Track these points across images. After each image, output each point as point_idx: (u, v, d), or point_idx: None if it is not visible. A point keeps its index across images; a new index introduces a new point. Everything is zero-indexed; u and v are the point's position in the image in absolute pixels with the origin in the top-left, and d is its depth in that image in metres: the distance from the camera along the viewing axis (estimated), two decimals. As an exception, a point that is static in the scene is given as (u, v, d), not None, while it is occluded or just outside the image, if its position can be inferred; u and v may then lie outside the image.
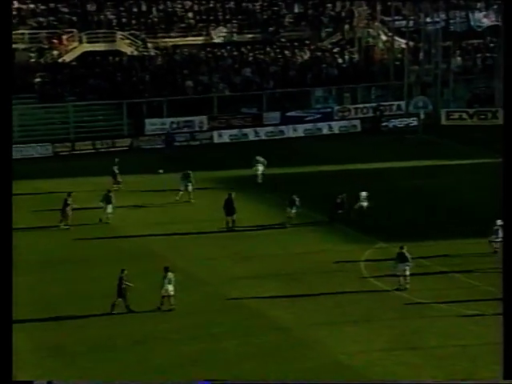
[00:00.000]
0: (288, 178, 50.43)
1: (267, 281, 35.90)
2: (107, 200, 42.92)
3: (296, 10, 71.17)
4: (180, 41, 67.77)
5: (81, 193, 46.00)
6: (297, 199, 42.36)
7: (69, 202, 42.40)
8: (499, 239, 36.44)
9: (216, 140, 60.95)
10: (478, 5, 71.54)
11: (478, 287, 34.94)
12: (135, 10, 69.06)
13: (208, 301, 33.85)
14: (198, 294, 34.40)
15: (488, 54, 68.85)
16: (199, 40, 68.48)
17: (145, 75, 64.21)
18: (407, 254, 35.04)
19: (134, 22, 68.21)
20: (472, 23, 70.20)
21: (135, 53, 66.23)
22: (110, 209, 42.83)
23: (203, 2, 70.42)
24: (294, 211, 42.39)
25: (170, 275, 32.78)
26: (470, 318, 32.24)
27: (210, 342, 30.46)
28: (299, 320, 32.35)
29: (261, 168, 49.18)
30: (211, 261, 38.22)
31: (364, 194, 42.80)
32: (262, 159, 49.57)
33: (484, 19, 70.53)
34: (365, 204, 42.70)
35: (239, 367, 28.83)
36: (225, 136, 61.21)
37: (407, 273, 34.95)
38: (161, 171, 50.90)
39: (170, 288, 32.69)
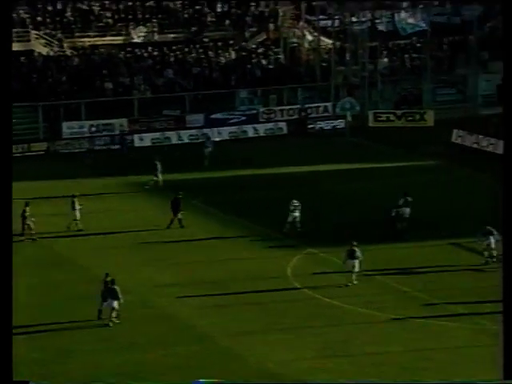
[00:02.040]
0: (211, 182, 50.51)
1: (192, 289, 36.04)
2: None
3: (219, 9, 71.38)
4: (98, 41, 67.48)
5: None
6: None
7: (26, 214, 41.38)
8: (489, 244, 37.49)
9: (137, 144, 60.77)
10: (404, 5, 72.63)
11: (407, 292, 35.58)
12: (50, 8, 68.57)
13: (131, 310, 33.85)
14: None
15: (415, 55, 69.95)
16: (118, 40, 68.22)
17: (61, 76, 63.80)
18: (357, 250, 35.64)
19: (48, 20, 67.70)
20: (398, 25, 71.21)
21: (51, 53, 65.76)
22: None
23: (122, 1, 70.21)
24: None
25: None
26: (399, 324, 32.83)
27: (135, 353, 30.51)
28: (225, 329, 32.57)
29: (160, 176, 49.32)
30: (134, 268, 38.24)
31: (295, 202, 42.18)
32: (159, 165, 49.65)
33: (410, 20, 71.64)
34: (297, 214, 41.91)
35: (165, 378, 28.95)
36: (146, 139, 61.08)
37: (356, 269, 35.67)
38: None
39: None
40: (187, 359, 30.32)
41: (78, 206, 42.61)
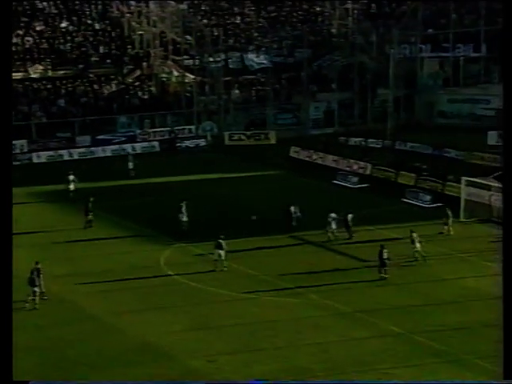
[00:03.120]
0: (100, 190, 49.73)
1: (85, 277, 35.46)
2: None
3: (101, 51, 70.48)
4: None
5: None
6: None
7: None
8: (332, 229, 39.75)
9: (35, 160, 59.45)
10: (251, 47, 73.27)
11: (257, 276, 35.91)
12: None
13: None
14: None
15: (260, 87, 70.63)
16: (18, 75, 66.50)
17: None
18: (223, 243, 35.80)
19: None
20: (246, 62, 71.81)
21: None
22: None
23: (20, 44, 68.50)
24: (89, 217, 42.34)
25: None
26: (250, 301, 33.11)
27: (31, 333, 29.83)
28: (109, 309, 32.18)
29: (72, 185, 48.02)
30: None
31: (184, 205, 41.34)
32: (73, 176, 48.35)
33: (255, 59, 72.33)
34: (184, 217, 41.08)
35: (62, 352, 28.43)
36: (43, 157, 59.86)
37: (222, 257, 35.85)
38: None
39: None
40: (77, 335, 29.87)
41: None
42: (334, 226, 40.12)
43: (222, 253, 36.14)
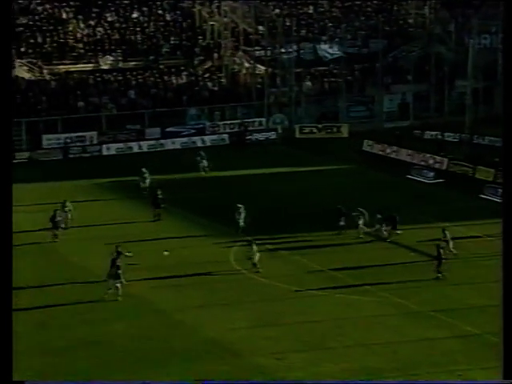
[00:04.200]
0: (169, 183, 50.06)
1: (151, 271, 35.70)
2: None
3: (172, 42, 71.05)
4: (72, 67, 66.66)
5: None
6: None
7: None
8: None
9: (105, 152, 60.32)
10: (324, 38, 72.94)
11: (325, 272, 35.65)
12: (32, 41, 67.71)
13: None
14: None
15: (332, 79, 70.23)
16: (89, 67, 67.55)
17: (41, 97, 62.97)
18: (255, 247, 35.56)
19: (30, 51, 66.83)
20: (319, 53, 71.50)
21: (32, 78, 64.90)
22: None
23: (91, 34, 69.57)
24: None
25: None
26: (319, 298, 32.90)
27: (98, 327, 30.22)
28: (176, 304, 32.35)
29: (148, 180, 48.02)
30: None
31: (241, 207, 40.86)
32: (146, 171, 48.37)
33: (329, 50, 71.98)
34: (242, 219, 40.52)
35: (127, 347, 28.74)
36: (112, 149, 60.68)
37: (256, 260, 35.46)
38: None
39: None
40: (143, 329, 30.15)
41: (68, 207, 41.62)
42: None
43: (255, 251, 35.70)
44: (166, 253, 37.37)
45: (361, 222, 39.61)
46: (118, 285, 32.30)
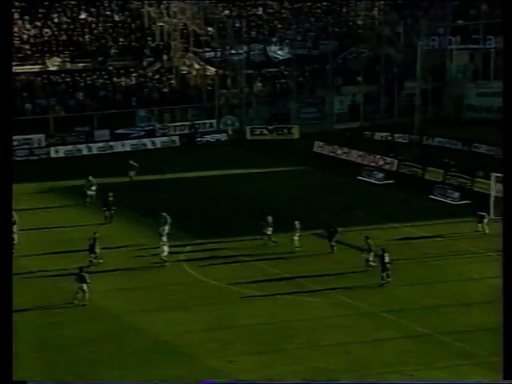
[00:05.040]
0: (119, 186, 49.82)
1: (105, 275, 35.52)
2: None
3: (121, 43, 70.70)
4: (18, 69, 65.88)
5: None
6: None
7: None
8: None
9: (53, 155, 59.76)
10: (274, 39, 73.29)
11: (278, 274, 35.77)
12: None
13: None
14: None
15: (283, 80, 70.57)
16: (36, 68, 66.89)
17: (-13, 99, 62.07)
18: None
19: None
20: (269, 55, 71.86)
21: (-22, 79, 63.93)
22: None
23: (38, 35, 68.89)
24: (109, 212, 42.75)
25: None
26: (270, 300, 33.03)
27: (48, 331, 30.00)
28: (128, 308, 32.27)
29: (94, 188, 46.72)
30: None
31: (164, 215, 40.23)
32: (93, 179, 47.03)
33: (279, 52, 72.37)
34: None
35: (77, 351, 28.58)
36: (61, 151, 60.17)
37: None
38: None
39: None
40: (95, 333, 30.02)
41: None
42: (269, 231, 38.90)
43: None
44: None
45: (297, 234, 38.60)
46: (85, 288, 32.16)
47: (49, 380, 26.09)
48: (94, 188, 46.78)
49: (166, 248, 36.86)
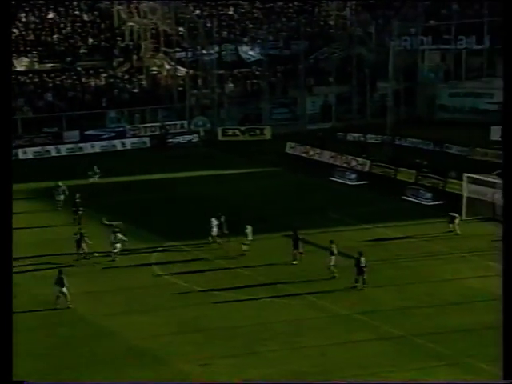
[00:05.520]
0: (87, 187, 49.55)
1: (72, 278, 35.20)
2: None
3: (90, 43, 70.30)
4: (-15, 69, 65.26)
5: None
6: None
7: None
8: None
9: (21, 156, 59.26)
10: (245, 39, 73.25)
11: (251, 276, 35.70)
12: None
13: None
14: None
15: (255, 81, 70.56)
16: (3, 68, 66.25)
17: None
18: None
19: None
20: (240, 55, 71.82)
21: None
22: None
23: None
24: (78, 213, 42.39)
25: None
26: (244, 302, 32.94)
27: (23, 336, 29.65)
28: (95, 312, 32.00)
29: (63, 196, 45.73)
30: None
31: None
32: (62, 185, 45.93)
33: (250, 52, 72.34)
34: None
35: (46, 357, 28.30)
36: (29, 153, 59.69)
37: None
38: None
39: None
40: (60, 339, 29.74)
41: None
42: (215, 230, 38.94)
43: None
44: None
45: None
46: (65, 291, 31.89)
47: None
48: (62, 197, 45.47)
49: (118, 245, 37.34)
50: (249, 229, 38.27)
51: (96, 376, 26.67)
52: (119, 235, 37.70)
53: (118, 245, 37.55)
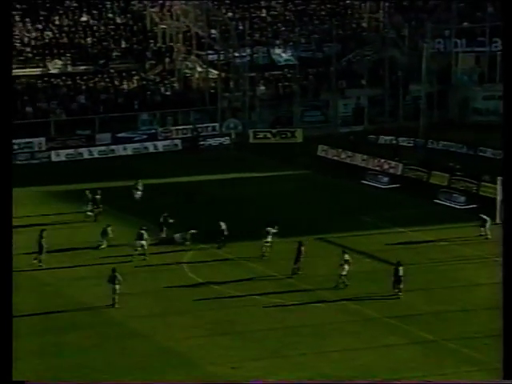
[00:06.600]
0: (119, 191, 49.76)
1: (103, 280, 35.47)
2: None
3: (123, 45, 70.79)
4: (20, 72, 65.95)
5: None
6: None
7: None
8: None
9: (54, 159, 59.81)
10: (277, 42, 73.32)
11: (282, 280, 35.73)
12: (-22, 44, 66.77)
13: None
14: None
15: (287, 83, 70.54)
16: (37, 71, 66.96)
17: (-13, 102, 62.08)
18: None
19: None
20: (272, 58, 71.88)
21: (-21, 82, 63.95)
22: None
23: (39, 38, 68.99)
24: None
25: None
26: (274, 306, 32.96)
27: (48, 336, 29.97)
28: (130, 313, 32.21)
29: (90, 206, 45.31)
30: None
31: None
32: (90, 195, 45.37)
33: (282, 54, 72.40)
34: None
35: (83, 357, 28.58)
36: (62, 155, 60.23)
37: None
38: None
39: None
40: (100, 339, 29.98)
41: None
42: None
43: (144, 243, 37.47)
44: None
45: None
46: (117, 288, 32.49)
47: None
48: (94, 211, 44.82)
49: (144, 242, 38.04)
50: (271, 231, 38.22)
51: (126, 377, 26.85)
52: (145, 234, 37.93)
53: (143, 242, 37.86)
